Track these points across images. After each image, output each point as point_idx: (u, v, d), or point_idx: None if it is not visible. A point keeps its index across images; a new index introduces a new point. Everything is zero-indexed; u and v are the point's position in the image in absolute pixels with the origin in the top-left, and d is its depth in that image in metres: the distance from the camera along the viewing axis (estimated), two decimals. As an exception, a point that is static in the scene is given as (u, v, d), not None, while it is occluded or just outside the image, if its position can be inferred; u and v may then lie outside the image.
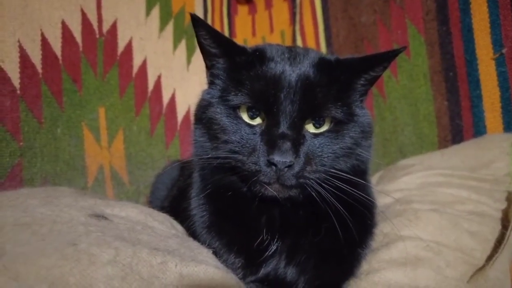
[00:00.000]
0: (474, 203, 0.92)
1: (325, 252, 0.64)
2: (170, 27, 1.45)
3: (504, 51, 1.08)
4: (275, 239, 0.63)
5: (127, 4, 1.37)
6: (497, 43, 1.09)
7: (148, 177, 1.28)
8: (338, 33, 1.44)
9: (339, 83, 0.63)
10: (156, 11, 1.43)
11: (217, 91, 0.66)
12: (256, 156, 0.57)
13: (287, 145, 0.56)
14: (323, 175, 0.59)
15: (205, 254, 0.58)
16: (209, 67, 0.70)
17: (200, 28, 0.64)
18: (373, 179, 1.16)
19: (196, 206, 0.68)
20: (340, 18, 1.44)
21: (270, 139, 0.57)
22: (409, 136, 1.26)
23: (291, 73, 0.61)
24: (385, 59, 0.65)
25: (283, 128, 0.58)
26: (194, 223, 0.68)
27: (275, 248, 0.63)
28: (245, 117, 0.62)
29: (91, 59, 1.26)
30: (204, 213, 0.67)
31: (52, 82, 1.16)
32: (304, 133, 0.60)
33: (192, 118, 0.73)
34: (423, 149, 1.24)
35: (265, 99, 0.59)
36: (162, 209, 0.84)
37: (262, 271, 0.64)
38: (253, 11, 1.63)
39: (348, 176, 0.60)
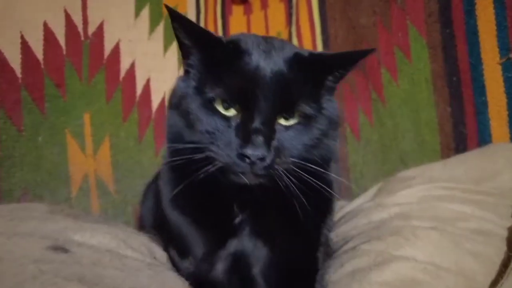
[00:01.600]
0: (478, 220, 0.86)
1: (288, 229, 0.69)
2: (161, 28, 1.39)
3: (511, 55, 1.02)
4: (242, 213, 0.68)
5: (115, 5, 1.31)
6: (504, 47, 1.04)
7: (136, 186, 1.22)
8: (336, 34, 1.38)
9: (312, 79, 0.66)
10: (146, 12, 1.37)
11: (193, 82, 0.67)
12: (230, 148, 0.60)
13: (260, 139, 0.59)
14: (291, 166, 0.63)
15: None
16: (185, 57, 0.70)
17: (176, 20, 0.65)
18: (372, 191, 1.11)
19: (167, 182, 0.73)
20: (338, 19, 1.38)
21: (244, 133, 0.60)
22: (410, 143, 1.21)
23: (266, 68, 0.63)
24: (356, 58, 0.68)
25: (257, 123, 0.60)
26: (163, 203, 0.72)
27: (241, 219, 0.68)
28: (220, 108, 0.64)
29: (76, 62, 1.21)
30: (172, 192, 0.69)
31: (33, 87, 1.11)
32: (276, 127, 0.63)
33: (166, 103, 0.74)
34: (425, 157, 1.19)
35: (240, 95, 0.62)
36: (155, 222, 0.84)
37: (229, 245, 0.68)
38: (248, 11, 1.57)
39: (314, 166, 0.64)
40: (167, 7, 0.63)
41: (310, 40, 1.46)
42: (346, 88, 1.36)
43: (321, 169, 0.64)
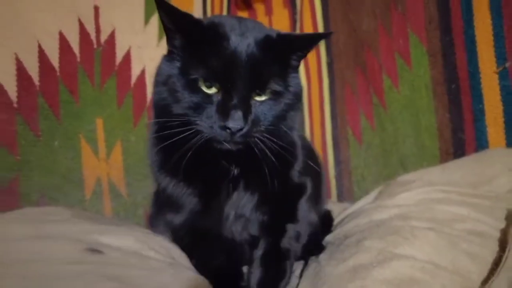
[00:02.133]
0: (474, 222, 0.90)
1: (264, 178, 0.79)
2: (169, 35, 1.44)
3: (507, 65, 1.06)
4: (234, 166, 0.80)
5: (125, 13, 1.35)
6: (500, 56, 1.07)
7: (146, 188, 1.27)
8: (337, 38, 1.42)
9: (279, 58, 0.76)
10: (155, 19, 1.41)
11: (177, 63, 0.75)
12: (213, 121, 0.71)
13: (239, 114, 0.70)
14: (264, 134, 0.75)
15: None
16: (169, 40, 0.78)
17: (162, 7, 0.72)
18: (373, 194, 1.15)
19: (155, 152, 0.82)
20: (340, 23, 1.41)
21: (225, 109, 0.70)
22: (410, 147, 1.25)
23: (242, 51, 0.72)
24: (316, 39, 0.80)
25: (235, 100, 0.71)
26: (154, 163, 0.83)
27: (235, 172, 0.79)
28: (203, 87, 0.72)
29: (88, 69, 1.25)
30: (161, 158, 0.81)
31: (49, 94, 1.16)
32: (251, 102, 0.73)
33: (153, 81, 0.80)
34: (424, 161, 1.23)
35: (220, 76, 0.71)
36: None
37: (225, 197, 0.80)
38: (253, 17, 1.61)
39: (281, 132, 0.77)
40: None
41: (314, 45, 1.50)
42: (348, 91, 1.41)
43: (285, 134, 0.78)
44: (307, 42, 0.79)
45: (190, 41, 0.73)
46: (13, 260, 0.49)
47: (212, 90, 0.72)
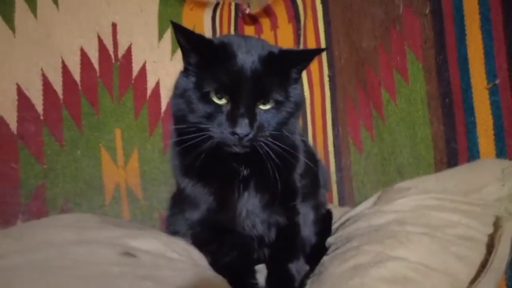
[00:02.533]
0: (464, 227, 0.98)
1: (270, 179, 0.88)
2: (181, 50, 1.53)
3: (497, 81, 1.14)
4: (246, 169, 0.89)
5: (141, 29, 1.45)
6: (491, 73, 1.15)
7: (161, 193, 1.36)
8: (340, 55, 1.50)
9: (281, 72, 0.85)
10: (168, 35, 1.50)
11: (192, 78, 0.85)
12: (223, 127, 0.81)
13: (245, 121, 0.79)
14: (268, 138, 0.84)
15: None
16: (185, 58, 0.88)
17: (178, 30, 0.82)
18: (372, 199, 1.23)
19: (176, 155, 0.93)
20: (342, 41, 1.50)
21: (233, 117, 0.80)
22: (407, 157, 1.33)
23: (247, 68, 0.81)
24: (313, 54, 0.92)
25: (242, 110, 0.80)
26: (175, 167, 0.94)
27: (245, 173, 0.88)
28: (215, 99, 0.82)
29: (107, 83, 1.34)
30: (181, 162, 0.92)
31: (72, 106, 1.25)
32: (256, 111, 0.83)
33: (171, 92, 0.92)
34: (420, 170, 1.30)
35: (229, 89, 0.81)
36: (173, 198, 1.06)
37: (237, 195, 0.89)
38: (259, 31, 1.69)
39: (283, 136, 0.86)
40: (172, 22, 0.81)
41: (316, 59, 1.59)
42: (349, 105, 1.50)
43: (287, 138, 0.88)
44: (305, 56, 0.89)
45: (203, 58, 0.83)
46: (66, 262, 0.58)
47: (222, 101, 0.82)
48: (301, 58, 0.89)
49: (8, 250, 0.60)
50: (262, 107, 0.84)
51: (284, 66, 0.86)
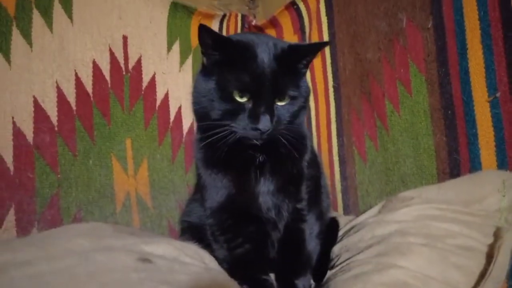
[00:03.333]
0: (465, 237, 1.01)
1: (283, 164, 0.98)
2: (189, 61, 1.57)
3: (498, 95, 1.16)
4: (259, 155, 0.96)
5: (150, 41, 1.49)
6: (491, 87, 1.18)
7: (170, 201, 1.40)
8: (344, 67, 1.54)
9: (292, 68, 0.93)
10: (176, 46, 1.55)
11: (214, 77, 0.90)
12: (245, 123, 0.88)
13: (267, 118, 0.87)
14: (283, 129, 0.92)
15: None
16: (206, 58, 0.94)
17: (205, 33, 0.88)
18: (376, 208, 1.26)
19: (199, 149, 1.00)
20: (346, 53, 1.54)
21: (255, 114, 0.87)
22: (410, 167, 1.35)
23: (265, 66, 0.88)
24: (319, 47, 1.02)
25: (263, 107, 0.87)
26: (199, 159, 1.01)
27: (261, 159, 0.95)
28: (237, 97, 0.88)
29: (118, 94, 1.39)
30: (205, 154, 0.99)
31: (84, 117, 1.29)
32: (274, 107, 0.89)
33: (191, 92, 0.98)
34: (423, 180, 1.33)
35: (251, 88, 0.87)
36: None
37: (253, 181, 0.96)
38: (265, 42, 1.73)
39: (294, 127, 0.95)
40: (200, 26, 0.87)
41: (321, 71, 1.62)
42: (354, 115, 1.53)
43: (297, 127, 0.97)
44: (312, 49, 0.97)
45: (226, 57, 0.89)
46: (89, 269, 0.61)
47: (244, 99, 0.88)
48: (308, 51, 0.96)
49: (33, 258, 0.64)
50: (279, 103, 0.91)
51: (294, 61, 0.93)
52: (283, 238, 1.02)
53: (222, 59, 0.90)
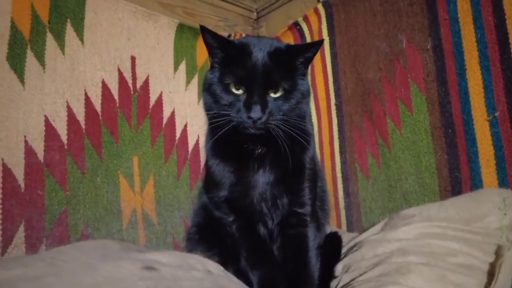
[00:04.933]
0: (465, 255, 1.01)
1: (282, 157, 1.02)
2: (195, 80, 1.62)
3: (497, 114, 1.19)
4: (259, 148, 1.03)
5: (158, 61, 1.54)
6: (490, 106, 1.20)
7: (175, 218, 1.42)
8: (346, 86, 1.57)
9: (288, 64, 1.01)
10: (183, 66, 1.59)
11: (216, 73, 1.01)
12: (241, 113, 0.96)
13: (258, 107, 0.94)
14: (279, 121, 0.98)
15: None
16: (212, 58, 1.05)
17: (207, 33, 1.00)
18: (379, 225, 1.27)
19: (208, 139, 1.09)
20: (348, 73, 1.57)
21: (248, 104, 0.95)
22: (413, 184, 1.37)
23: (259, 62, 0.97)
24: (315, 47, 1.03)
25: (255, 98, 0.95)
26: (207, 148, 1.10)
27: (259, 151, 1.02)
28: (233, 89, 0.98)
29: (126, 113, 1.43)
30: (211, 142, 1.07)
31: (93, 135, 1.33)
32: (267, 98, 0.97)
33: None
34: (426, 197, 1.34)
35: (245, 81, 0.97)
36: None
37: (252, 172, 1.02)
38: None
39: (293, 120, 1.00)
40: (201, 26, 1.00)
41: (324, 89, 1.66)
42: (356, 133, 1.56)
43: (298, 122, 1.01)
44: (307, 48, 1.03)
45: (227, 55, 1.00)
46: (97, 279, 0.64)
47: (240, 92, 0.98)
48: (303, 49, 1.03)
49: (43, 272, 0.67)
50: (272, 95, 0.99)
51: (290, 58, 1.01)
52: (284, 246, 1.06)
53: (223, 56, 1.01)
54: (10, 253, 1.08)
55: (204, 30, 1.00)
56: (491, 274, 0.96)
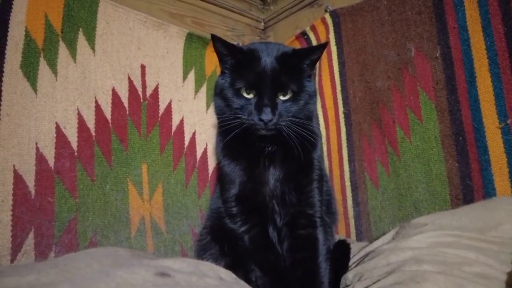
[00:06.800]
0: (481, 265, 1.00)
1: (292, 155, 1.06)
2: (204, 89, 1.63)
3: (508, 121, 1.18)
4: (269, 146, 1.07)
5: (167, 70, 1.55)
6: (501, 113, 1.20)
7: (183, 226, 1.41)
8: (354, 94, 1.57)
9: (295, 68, 1.05)
10: (191, 75, 1.60)
11: (227, 78, 1.06)
12: (252, 116, 1.01)
13: (268, 110, 0.99)
14: (289, 122, 1.02)
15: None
16: (222, 64, 1.09)
17: (217, 42, 1.05)
18: (389, 234, 1.25)
19: (219, 141, 1.14)
20: (356, 81, 1.58)
21: (259, 107, 1.00)
22: (423, 193, 1.36)
23: (268, 68, 1.02)
24: (319, 50, 1.08)
25: (266, 101, 1.00)
26: (218, 150, 1.14)
27: (270, 149, 1.07)
28: (244, 93, 1.03)
29: (136, 121, 1.43)
30: (222, 144, 1.11)
31: (103, 143, 1.33)
32: (277, 101, 1.02)
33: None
34: (436, 206, 1.33)
35: (255, 85, 1.02)
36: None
37: (262, 170, 1.06)
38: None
39: (301, 121, 1.04)
40: (212, 35, 1.05)
41: (332, 98, 1.66)
42: (365, 141, 1.55)
43: (306, 122, 1.06)
44: (312, 51, 1.07)
45: (237, 62, 1.05)
46: (111, 286, 0.63)
47: (250, 95, 1.03)
48: (309, 52, 1.07)
49: (56, 279, 0.66)
50: (282, 97, 1.03)
51: (297, 62, 1.06)
52: (293, 249, 1.06)
53: (233, 63, 1.06)
54: (19, 260, 1.07)
55: (215, 39, 1.05)
56: (509, 284, 0.94)
